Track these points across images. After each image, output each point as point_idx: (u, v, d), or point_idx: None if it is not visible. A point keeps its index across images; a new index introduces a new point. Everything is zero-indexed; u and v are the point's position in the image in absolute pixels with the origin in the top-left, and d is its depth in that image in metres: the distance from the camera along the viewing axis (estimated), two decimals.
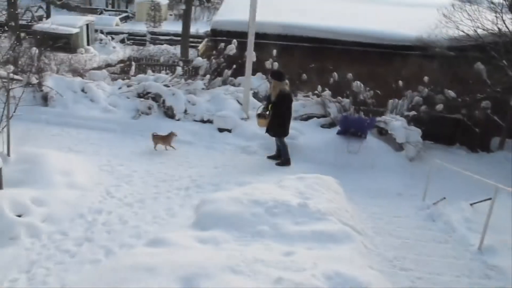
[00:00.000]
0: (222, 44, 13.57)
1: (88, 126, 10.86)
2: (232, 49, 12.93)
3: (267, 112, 9.67)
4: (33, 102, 11.10)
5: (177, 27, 30.98)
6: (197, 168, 9.00)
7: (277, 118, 9.60)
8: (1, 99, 7.90)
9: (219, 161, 9.52)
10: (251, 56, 11.30)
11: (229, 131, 10.94)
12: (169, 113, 11.47)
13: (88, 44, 27.75)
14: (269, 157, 10.02)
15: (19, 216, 6.21)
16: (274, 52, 13.52)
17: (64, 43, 24.46)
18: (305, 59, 14.10)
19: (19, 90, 9.04)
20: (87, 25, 28.16)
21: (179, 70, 13.03)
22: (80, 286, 4.37)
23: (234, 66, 13.31)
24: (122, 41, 30.91)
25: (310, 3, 18.30)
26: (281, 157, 9.87)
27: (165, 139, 9.80)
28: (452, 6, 12.83)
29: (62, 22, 25.96)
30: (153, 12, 36.76)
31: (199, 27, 31.44)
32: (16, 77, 11.24)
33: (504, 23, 11.12)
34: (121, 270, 4.47)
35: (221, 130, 11.05)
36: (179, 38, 27.00)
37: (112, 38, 30.48)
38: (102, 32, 30.63)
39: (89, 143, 9.92)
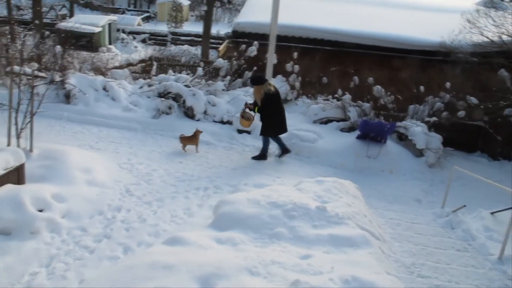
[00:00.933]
0: (243, 46, 13.60)
1: (109, 124, 10.99)
2: (253, 50, 12.97)
3: (252, 113, 9.68)
4: (56, 100, 11.24)
5: (198, 28, 31.17)
6: (216, 169, 9.03)
7: (267, 119, 9.60)
8: (25, 96, 7.99)
9: (237, 162, 9.55)
10: (272, 58, 11.31)
11: (249, 132, 10.97)
12: (189, 113, 11.54)
13: (110, 43, 28.03)
14: (278, 156, 10.05)
15: (40, 211, 6.30)
16: (295, 54, 13.51)
17: (87, 42, 24.72)
18: (326, 63, 14.08)
19: (43, 87, 9.17)
20: (110, 24, 28.46)
21: (200, 70, 13.09)
22: (98, 282, 4.40)
23: (255, 68, 13.33)
24: (143, 41, 31.16)
25: (331, 6, 18.25)
26: (261, 151, 9.96)
27: (192, 139, 9.85)
28: (476, 11, 12.71)
29: (85, 21, 26.29)
30: (175, 12, 37.04)
31: (220, 29, 31.59)
32: (40, 74, 11.39)
33: None
34: (139, 267, 4.49)
35: (240, 131, 11.09)
36: (200, 39, 27.14)
37: (134, 38, 30.76)
38: (124, 31, 30.94)
39: (110, 141, 10.01)
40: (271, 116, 9.52)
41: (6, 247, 5.61)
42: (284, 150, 9.96)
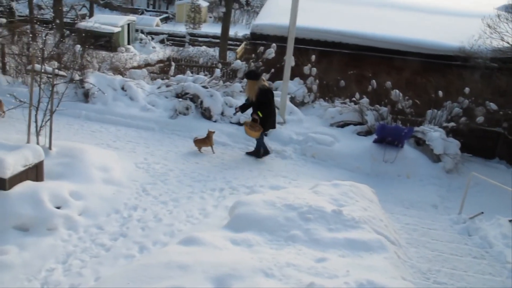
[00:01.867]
0: (261, 48, 13.62)
1: (127, 123, 11.06)
2: (271, 53, 12.96)
3: (257, 120, 9.51)
4: (74, 98, 11.35)
5: (216, 30, 31.32)
6: (232, 170, 9.05)
7: (263, 112, 9.54)
8: (45, 94, 8.09)
9: (254, 164, 9.55)
10: (290, 60, 11.30)
11: (265, 134, 10.95)
12: (206, 114, 11.57)
13: (128, 43, 28.28)
14: (247, 153, 10.06)
15: (58, 208, 6.37)
16: (313, 57, 13.50)
17: (106, 41, 24.98)
18: (343, 66, 14.06)
19: (63, 86, 9.28)
20: (128, 24, 28.71)
21: (217, 72, 13.12)
22: (114, 280, 4.43)
23: (273, 70, 13.34)
24: (161, 41, 31.38)
25: (350, 9, 18.21)
26: (255, 148, 9.95)
27: (206, 141, 9.86)
28: (497, 16, 12.59)
29: (104, 21, 26.57)
30: (193, 13, 37.22)
31: (237, 30, 31.70)
32: (60, 73, 11.52)
33: None
34: (155, 266, 4.52)
35: None
36: (218, 40, 27.29)
37: (152, 38, 30.99)
38: (142, 32, 31.19)
39: (127, 141, 10.07)
40: (266, 113, 9.49)
41: (24, 243, 5.68)
42: (255, 153, 9.92)
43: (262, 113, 9.46)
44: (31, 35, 15.56)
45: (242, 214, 5.84)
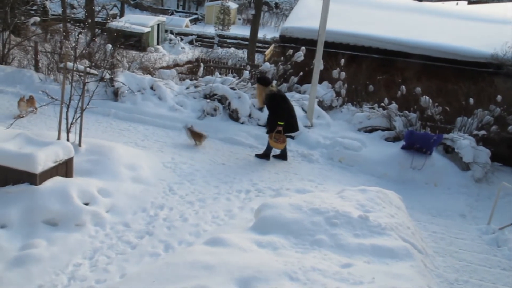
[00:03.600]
0: (290, 51, 13.60)
1: (155, 123, 11.15)
2: (300, 56, 12.94)
3: (281, 131, 9.45)
4: (104, 97, 11.51)
5: (245, 32, 31.41)
6: (259, 172, 9.04)
7: (270, 117, 9.57)
8: (76, 92, 8.22)
9: (280, 167, 9.53)
10: (319, 64, 11.25)
11: (292, 137, 10.92)
12: (233, 116, 11.60)
13: (158, 44, 28.54)
14: (275, 156, 9.97)
15: (86, 204, 6.46)
16: (342, 61, 13.43)
17: (136, 41, 25.28)
18: (373, 70, 13.95)
19: (93, 84, 9.42)
20: (158, 25, 28.98)
21: (246, 74, 13.15)
22: (140, 277, 4.47)
23: (301, 73, 13.31)
24: (190, 42, 31.60)
25: (380, 14, 18.05)
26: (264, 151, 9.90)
27: (198, 136, 10.07)
28: None
29: (134, 21, 26.87)
30: (222, 15, 37.38)
31: (266, 33, 31.76)
32: (92, 71, 11.69)
33: None
34: (180, 266, 4.55)
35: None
36: (246, 42, 27.34)
37: (181, 39, 31.21)
38: (172, 32, 31.46)
39: (155, 140, 10.16)
40: (277, 116, 9.41)
41: (52, 237, 5.77)
42: (264, 155, 9.86)
43: (274, 117, 9.47)
44: (63, 34, 15.83)
45: (268, 217, 5.83)
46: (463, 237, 7.62)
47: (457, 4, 24.46)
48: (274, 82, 12.15)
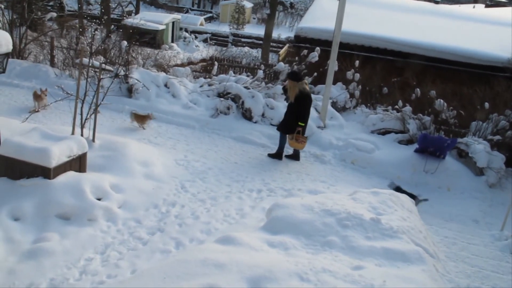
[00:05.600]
0: (305, 51, 13.57)
1: (168, 120, 11.18)
2: (314, 56, 12.89)
3: (300, 131, 9.45)
4: (118, 93, 11.55)
5: (259, 31, 31.37)
6: (271, 172, 9.04)
7: (291, 116, 9.47)
8: (91, 87, 8.27)
9: (292, 167, 9.51)
10: (333, 65, 11.21)
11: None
12: (247, 115, 11.60)
13: (172, 41, 28.57)
14: (287, 156, 9.94)
15: (99, 199, 6.51)
16: (357, 63, 13.37)
17: (151, 38, 25.36)
18: (387, 72, 13.88)
19: (108, 80, 9.46)
20: (173, 23, 29.01)
21: (260, 73, 13.14)
22: (151, 273, 4.49)
23: (315, 73, 13.28)
24: (205, 40, 31.60)
25: (396, 15, 17.97)
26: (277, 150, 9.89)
27: (142, 119, 10.36)
28: None
29: (149, 18, 26.90)
30: (237, 14, 37.37)
31: (281, 32, 31.69)
32: (107, 67, 11.75)
33: None
34: (191, 263, 4.55)
35: None
36: (260, 42, 27.31)
37: (196, 37, 31.23)
38: (186, 30, 31.48)
39: (168, 137, 10.19)
40: (297, 115, 9.37)
41: (65, 231, 5.83)
42: (277, 155, 9.84)
43: (290, 112, 9.46)
44: (79, 30, 15.93)
45: (280, 217, 5.82)
46: (476, 242, 7.56)
47: (474, 7, 24.26)
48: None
